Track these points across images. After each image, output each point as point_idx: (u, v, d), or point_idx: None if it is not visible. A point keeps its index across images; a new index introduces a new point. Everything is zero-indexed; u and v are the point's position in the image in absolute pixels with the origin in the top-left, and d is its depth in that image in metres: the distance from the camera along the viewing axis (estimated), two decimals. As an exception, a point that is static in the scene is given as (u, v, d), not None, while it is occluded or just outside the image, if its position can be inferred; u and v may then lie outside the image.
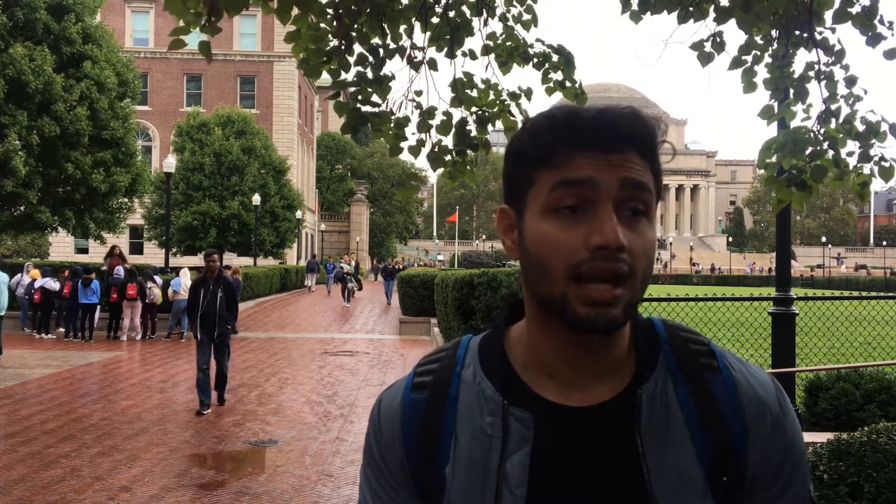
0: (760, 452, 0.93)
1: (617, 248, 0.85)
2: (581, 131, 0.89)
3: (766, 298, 8.16)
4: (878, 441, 3.35)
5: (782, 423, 0.95)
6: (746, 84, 4.08)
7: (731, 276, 65.45)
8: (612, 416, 0.93)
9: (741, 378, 0.96)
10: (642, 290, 0.91)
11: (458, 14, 3.96)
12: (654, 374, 0.95)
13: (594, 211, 0.87)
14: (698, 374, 0.95)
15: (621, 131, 0.89)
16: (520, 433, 0.93)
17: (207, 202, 35.06)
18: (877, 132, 3.69)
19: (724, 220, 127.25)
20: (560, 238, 0.88)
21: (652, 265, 0.91)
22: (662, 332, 0.99)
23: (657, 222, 0.97)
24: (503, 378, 0.96)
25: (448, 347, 1.05)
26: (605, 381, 0.95)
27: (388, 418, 1.01)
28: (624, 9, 4.05)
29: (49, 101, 19.75)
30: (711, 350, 0.98)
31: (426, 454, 0.97)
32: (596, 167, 0.87)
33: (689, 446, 0.91)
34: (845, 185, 3.89)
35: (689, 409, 0.93)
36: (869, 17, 3.71)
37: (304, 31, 3.62)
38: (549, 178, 0.89)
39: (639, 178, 0.89)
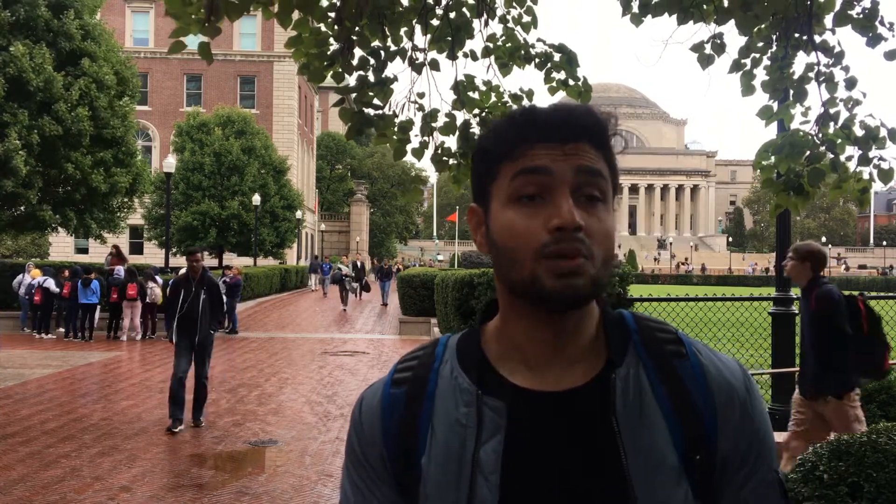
0: (730, 437, 0.96)
1: (574, 228, 0.90)
2: (538, 125, 0.95)
3: (766, 298, 8.16)
4: (878, 441, 3.35)
5: (750, 409, 0.97)
6: (745, 87, 4.09)
7: (732, 276, 65.46)
8: (586, 401, 0.95)
9: (709, 364, 0.99)
10: (605, 271, 0.94)
11: (459, 15, 3.95)
12: (626, 360, 0.97)
13: (552, 197, 0.92)
14: (667, 361, 0.98)
15: (575, 123, 0.95)
16: (493, 421, 0.95)
17: (207, 202, 35.07)
18: (876, 137, 3.69)
19: (724, 220, 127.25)
20: (523, 224, 0.93)
21: (611, 249, 0.94)
22: (631, 322, 1.03)
23: (657, 221, 0.99)
24: (478, 370, 0.99)
25: (427, 346, 1.08)
26: (577, 367, 0.98)
27: (369, 414, 1.04)
28: (625, 11, 4.04)
29: (50, 100, 19.76)
30: (679, 338, 1.01)
31: (404, 447, 0.99)
32: (552, 157, 0.93)
33: (663, 430, 0.94)
34: (844, 192, 3.88)
35: (661, 395, 0.95)
36: (869, 19, 3.72)
37: (306, 35, 3.62)
38: (510, 170, 0.95)
39: (592, 165, 0.94)
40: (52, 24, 20.33)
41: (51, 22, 20.31)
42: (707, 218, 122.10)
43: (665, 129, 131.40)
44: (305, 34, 3.62)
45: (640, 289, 37.41)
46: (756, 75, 4.09)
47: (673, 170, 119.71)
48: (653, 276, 64.82)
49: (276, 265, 38.21)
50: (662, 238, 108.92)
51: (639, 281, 51.92)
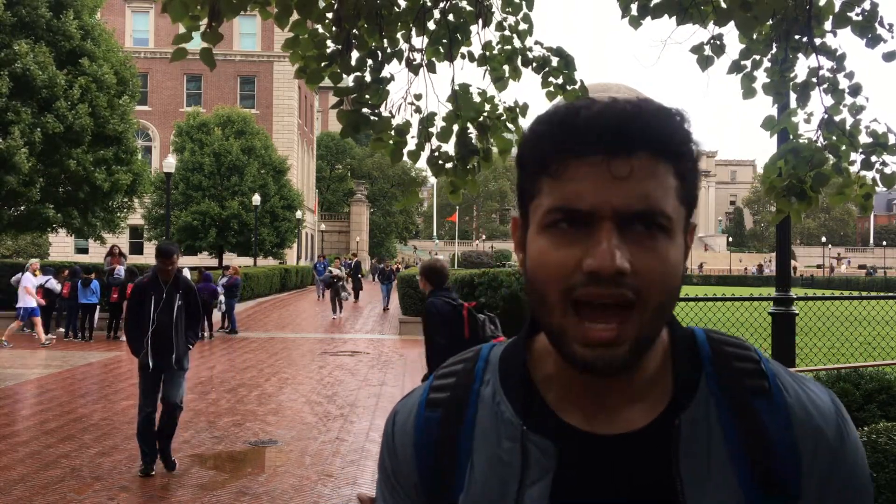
0: (815, 489, 0.82)
1: (615, 273, 0.74)
2: (579, 132, 0.77)
3: (766, 298, 8.16)
4: (878, 441, 3.35)
5: (844, 460, 0.83)
6: (746, 89, 4.08)
7: (732, 276, 65.47)
8: (646, 446, 0.82)
9: (796, 404, 0.83)
10: (656, 324, 0.79)
11: (457, 17, 3.95)
12: (695, 398, 0.83)
13: (593, 228, 0.76)
14: (745, 400, 0.83)
15: (627, 129, 0.76)
16: (540, 462, 0.83)
17: (207, 202, 35.08)
18: (885, 144, 3.68)
19: (724, 220, 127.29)
20: (555, 257, 0.78)
21: (672, 290, 0.79)
22: (705, 347, 0.87)
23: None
24: (524, 399, 0.87)
25: (467, 358, 0.95)
26: (636, 406, 0.84)
27: (402, 436, 0.93)
28: (623, 14, 4.04)
29: (53, 98, 19.81)
30: (761, 369, 0.85)
31: (440, 481, 0.89)
32: (594, 181, 0.76)
33: (732, 482, 0.80)
34: (847, 199, 3.88)
35: (733, 441, 0.82)
36: (869, 21, 3.71)
37: (304, 37, 3.62)
38: (548, 191, 0.79)
39: (644, 205, 0.76)
40: (52, 23, 20.38)
41: (51, 22, 20.35)
42: (707, 218, 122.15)
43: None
44: (303, 35, 3.62)
45: (640, 289, 37.17)
46: (756, 77, 4.08)
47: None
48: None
49: (276, 265, 38.19)
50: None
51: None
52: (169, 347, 6.61)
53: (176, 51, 3.24)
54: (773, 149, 4.13)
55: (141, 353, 6.60)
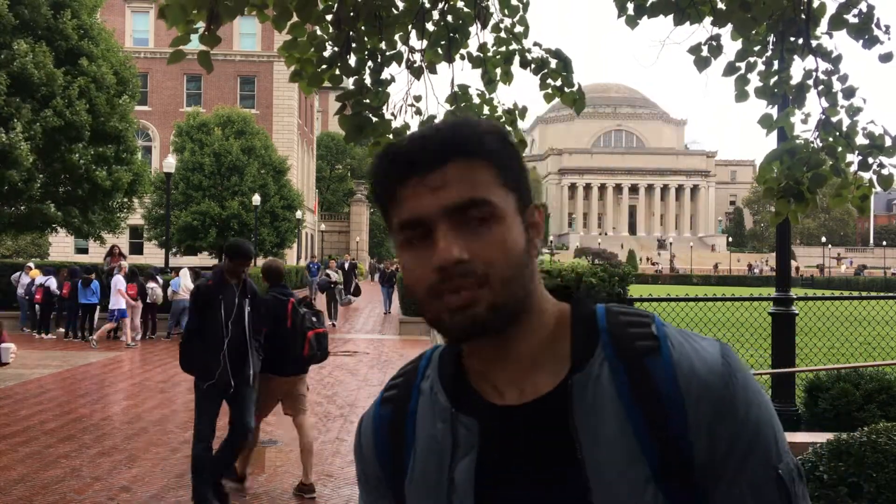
0: (704, 437, 0.88)
1: (454, 263, 0.86)
2: (400, 161, 0.91)
3: (766, 298, 8.16)
4: (878, 441, 3.35)
5: (729, 405, 0.88)
6: (739, 92, 4.08)
7: (732, 276, 65.49)
8: (548, 411, 0.91)
9: (682, 359, 0.90)
10: (510, 291, 0.89)
11: (455, 19, 3.95)
12: (590, 362, 0.92)
13: (433, 236, 0.88)
14: (637, 360, 0.91)
15: (429, 148, 0.89)
16: (467, 440, 0.93)
17: (207, 202, 35.08)
18: (882, 146, 3.68)
19: (724, 220, 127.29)
20: (414, 267, 0.90)
21: (513, 265, 0.89)
22: (602, 319, 0.96)
23: (657, 221, 0.94)
24: (455, 386, 0.97)
25: (414, 360, 1.07)
26: (540, 375, 0.94)
27: (366, 437, 1.05)
28: (620, 13, 4.05)
29: (51, 96, 19.83)
30: (653, 332, 0.94)
31: (394, 468, 1.00)
32: (419, 196, 0.89)
33: (628, 435, 0.88)
34: (845, 201, 3.88)
35: (626, 397, 0.89)
36: (865, 23, 3.72)
37: (302, 39, 3.62)
38: (395, 216, 0.92)
39: (464, 197, 0.88)
40: (50, 23, 20.41)
41: (50, 22, 20.38)
42: (707, 218, 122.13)
43: (665, 130, 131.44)
44: (301, 37, 3.62)
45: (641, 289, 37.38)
46: (750, 80, 4.09)
47: (673, 170, 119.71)
48: (653, 276, 64.84)
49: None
50: (662, 238, 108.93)
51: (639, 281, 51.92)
52: (244, 362, 5.75)
53: (173, 53, 3.25)
54: (773, 148, 4.13)
55: (216, 371, 5.61)
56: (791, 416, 7.24)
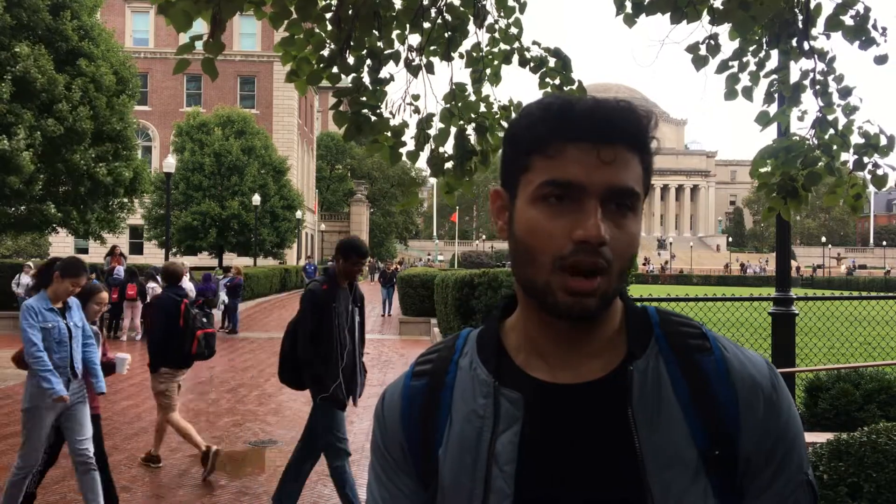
0: (753, 434, 0.93)
1: (598, 244, 0.88)
2: (574, 122, 0.90)
3: (766, 298, 8.16)
4: (878, 441, 3.35)
5: (775, 406, 0.94)
6: (729, 91, 4.09)
7: (731, 277, 65.47)
8: (603, 393, 0.94)
9: (733, 359, 0.96)
10: (620, 282, 0.93)
11: (454, 17, 3.95)
12: (647, 353, 0.96)
13: (580, 204, 0.90)
14: (690, 356, 0.96)
15: (614, 124, 0.91)
16: (510, 413, 0.95)
17: (207, 202, 35.09)
18: (877, 145, 3.68)
19: (724, 220, 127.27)
20: (546, 227, 0.90)
21: (631, 260, 0.93)
22: (655, 316, 1.01)
23: (657, 221, 0.97)
24: (497, 362, 0.99)
25: (448, 339, 1.08)
26: (595, 361, 0.96)
27: (391, 408, 1.05)
28: (618, 11, 4.05)
29: (52, 100, 19.81)
30: (703, 333, 0.99)
31: (423, 437, 1.00)
32: (585, 164, 0.89)
33: (681, 424, 0.91)
34: (839, 198, 3.88)
35: (680, 388, 0.93)
36: (861, 24, 3.72)
37: (298, 37, 3.61)
38: (541, 168, 0.91)
39: (626, 184, 0.90)
40: (50, 24, 20.39)
41: (49, 23, 20.36)
42: (707, 218, 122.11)
43: (665, 129, 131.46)
44: (298, 35, 3.62)
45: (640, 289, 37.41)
46: (740, 79, 4.09)
47: (673, 170, 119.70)
48: (653, 276, 64.83)
49: (276, 265, 38.20)
50: (662, 238, 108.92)
51: (639, 281, 51.94)
52: (356, 374, 5.32)
53: (179, 62, 3.25)
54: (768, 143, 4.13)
55: (331, 386, 5.09)
56: (791, 416, 7.23)
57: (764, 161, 3.87)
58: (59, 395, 5.07)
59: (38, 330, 5.00)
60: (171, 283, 6.93)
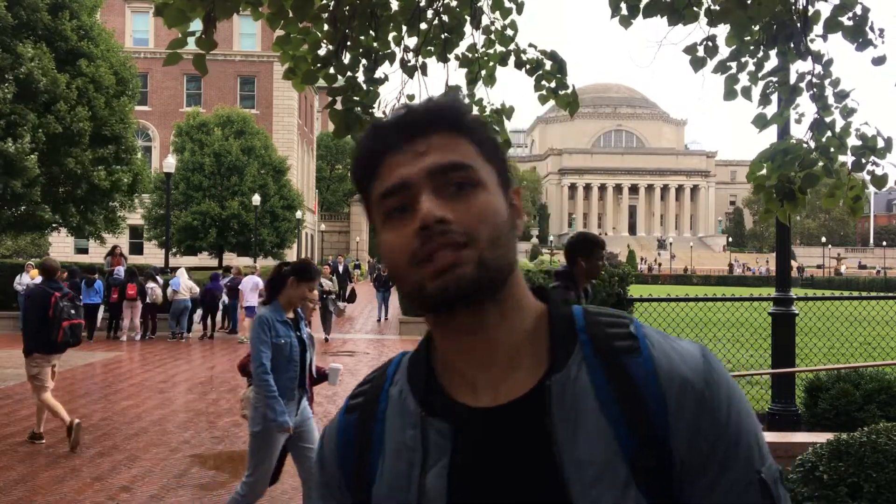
0: (684, 435, 0.86)
1: (436, 222, 0.85)
2: (385, 134, 0.91)
3: (766, 298, 8.16)
4: (878, 441, 3.35)
5: (709, 402, 0.87)
6: (728, 91, 4.09)
7: (731, 277, 65.49)
8: (526, 412, 0.89)
9: (662, 357, 0.89)
10: (496, 252, 0.87)
11: (451, 19, 3.95)
12: (568, 363, 0.90)
13: (415, 204, 0.87)
14: (617, 359, 0.90)
15: (421, 120, 0.90)
16: (438, 444, 0.90)
17: (207, 202, 35.09)
18: (874, 148, 3.68)
19: (724, 220, 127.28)
20: (398, 240, 0.88)
21: (499, 227, 0.88)
22: (580, 319, 0.94)
23: (657, 221, 0.93)
24: (425, 390, 0.94)
25: (382, 366, 1.04)
26: (517, 375, 0.91)
27: (329, 444, 1.02)
28: (613, 13, 4.05)
29: (53, 101, 19.81)
30: (631, 332, 0.92)
31: (359, 474, 0.97)
32: (405, 164, 0.88)
33: (607, 436, 0.86)
34: (837, 201, 3.88)
35: (606, 397, 0.87)
36: (859, 25, 3.72)
37: (295, 36, 3.62)
38: (376, 191, 0.91)
39: (447, 160, 0.88)
40: (49, 25, 20.39)
41: (49, 23, 20.36)
42: (707, 218, 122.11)
43: (665, 130, 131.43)
44: (294, 34, 3.62)
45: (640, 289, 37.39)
46: (739, 79, 4.09)
47: (673, 170, 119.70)
48: (653, 276, 64.85)
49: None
50: (662, 238, 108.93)
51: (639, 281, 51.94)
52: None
53: (170, 55, 3.25)
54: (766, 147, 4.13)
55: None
56: (791, 416, 7.24)
57: (760, 164, 3.87)
58: (284, 427, 4.58)
59: (269, 347, 4.50)
60: (47, 277, 7.68)
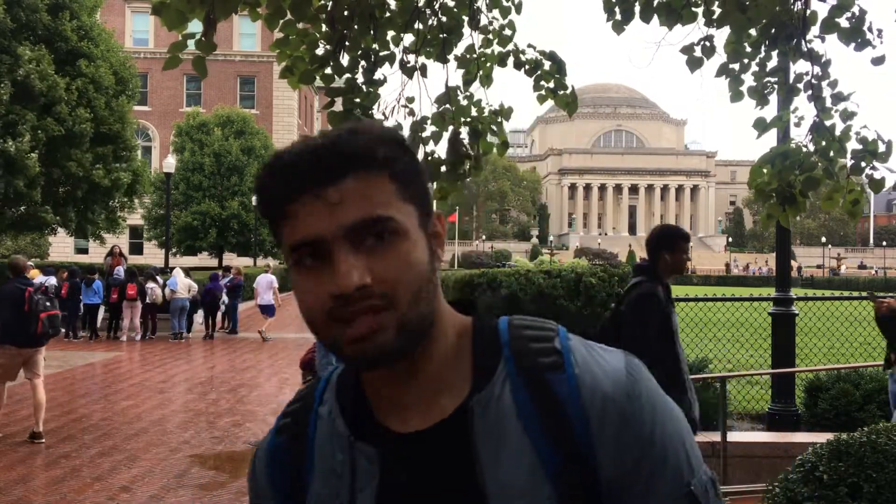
0: (609, 452, 0.84)
1: (356, 290, 0.80)
2: (289, 175, 0.82)
3: (767, 299, 8.16)
4: (878, 441, 3.35)
5: (633, 417, 0.84)
6: (734, 93, 4.08)
7: (731, 277, 65.51)
8: (449, 435, 0.86)
9: (585, 374, 0.86)
10: (418, 309, 0.83)
11: (449, 19, 3.95)
12: (491, 381, 0.87)
13: (330, 258, 0.81)
14: (539, 376, 0.87)
15: (327, 161, 0.82)
16: (366, 470, 0.87)
17: (207, 202, 35.10)
18: (874, 151, 3.68)
19: (724, 220, 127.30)
20: (309, 290, 0.83)
21: (420, 280, 0.83)
22: (504, 334, 0.91)
23: (657, 221, 0.90)
24: (354, 411, 0.91)
25: (311, 385, 1.00)
26: (443, 397, 0.88)
27: (260, 469, 0.99)
28: (608, 18, 4.05)
29: (52, 102, 19.80)
30: (556, 347, 0.89)
31: (292, 498, 0.94)
32: (316, 214, 0.81)
33: (530, 456, 0.84)
34: (836, 204, 3.88)
35: (528, 415, 0.85)
36: (857, 26, 3.71)
37: (293, 37, 3.62)
38: (287, 233, 0.84)
39: (365, 214, 0.81)
40: (49, 25, 20.38)
41: (49, 24, 20.35)
42: (707, 218, 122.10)
43: (665, 130, 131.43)
44: (293, 35, 3.62)
45: (640, 289, 37.08)
46: (744, 81, 4.09)
47: (673, 170, 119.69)
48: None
49: (275, 265, 38.20)
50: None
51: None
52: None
53: (169, 59, 3.24)
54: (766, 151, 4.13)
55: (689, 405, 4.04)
56: (791, 417, 7.24)
57: (761, 170, 3.86)
58: None
59: None
60: (15, 274, 8.10)
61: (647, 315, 4.05)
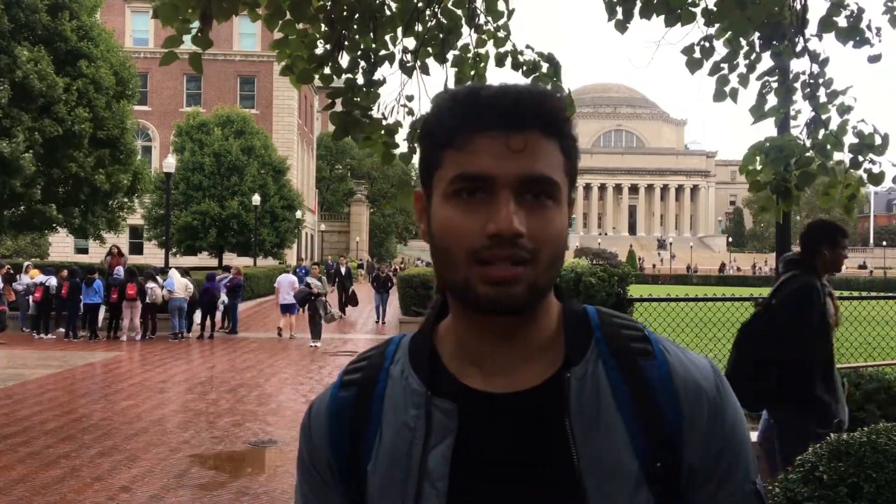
0: (698, 442, 0.88)
1: (513, 235, 0.83)
2: (481, 110, 0.86)
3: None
4: (878, 441, 3.35)
5: (721, 411, 0.90)
6: (717, 92, 4.09)
7: (731, 277, 65.52)
8: (540, 402, 0.89)
9: (676, 363, 0.91)
10: (549, 274, 0.88)
11: (448, 20, 3.95)
12: (585, 358, 0.91)
13: (493, 196, 0.85)
14: (632, 360, 0.91)
15: (522, 109, 0.86)
16: (443, 424, 0.89)
17: (207, 202, 35.09)
18: (871, 145, 3.68)
19: (724, 220, 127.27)
20: (460, 223, 0.86)
21: (560, 251, 0.88)
22: (595, 318, 0.96)
23: (657, 221, 0.93)
24: (430, 370, 0.93)
25: (379, 346, 1.03)
26: (532, 367, 0.91)
27: (317, 419, 0.99)
28: (610, 17, 4.05)
29: (51, 103, 19.80)
30: (646, 335, 0.94)
31: (351, 452, 0.95)
32: (494, 154, 0.84)
33: (621, 433, 0.87)
34: (832, 199, 3.87)
35: (621, 395, 0.89)
36: (855, 25, 3.71)
37: (293, 37, 3.62)
38: (451, 162, 0.87)
39: (539, 173, 0.85)
40: (49, 25, 20.36)
41: (48, 24, 20.33)
42: (707, 218, 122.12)
43: (665, 129, 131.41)
44: (292, 35, 3.62)
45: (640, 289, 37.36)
46: (730, 81, 4.09)
47: (673, 170, 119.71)
48: (653, 276, 64.87)
49: (276, 265, 38.19)
50: (662, 238, 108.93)
51: (639, 281, 51.93)
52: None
53: (166, 55, 3.25)
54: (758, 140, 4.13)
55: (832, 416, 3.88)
56: (791, 416, 7.23)
57: (753, 158, 3.87)
58: None
59: None
60: None
61: (807, 308, 3.88)
